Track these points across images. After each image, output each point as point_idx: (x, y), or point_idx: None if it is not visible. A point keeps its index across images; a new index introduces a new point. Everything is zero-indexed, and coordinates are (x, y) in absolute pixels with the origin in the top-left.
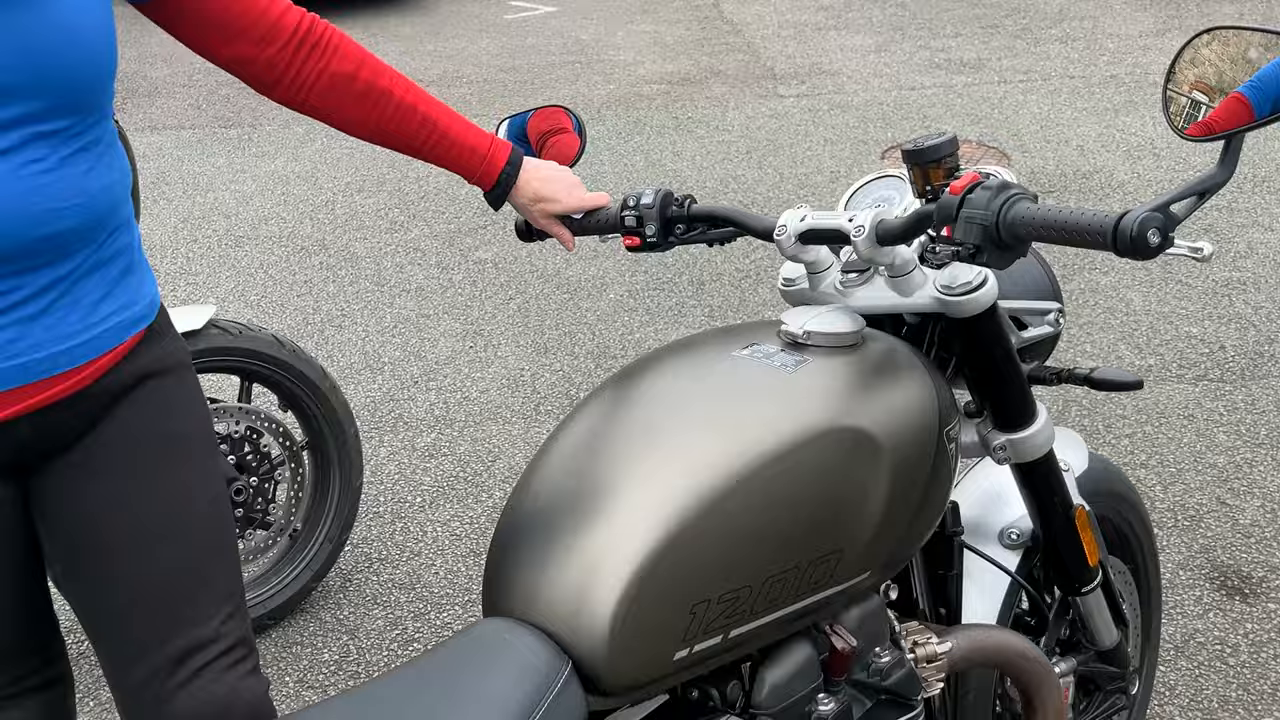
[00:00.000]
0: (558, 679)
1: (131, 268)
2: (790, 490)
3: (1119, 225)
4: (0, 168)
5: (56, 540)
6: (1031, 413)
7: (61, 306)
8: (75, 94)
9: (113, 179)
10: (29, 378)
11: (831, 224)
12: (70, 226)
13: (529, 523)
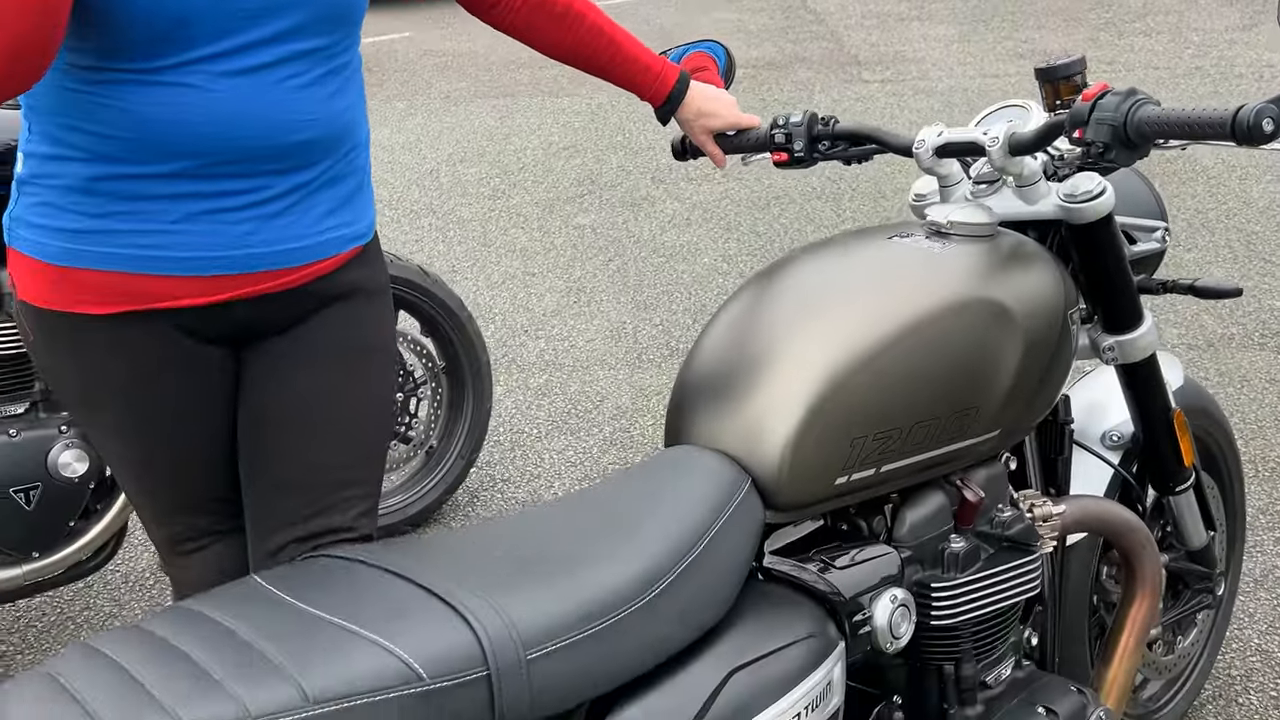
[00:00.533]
0: (741, 489)
1: (360, 188)
2: (936, 350)
3: (1237, 115)
4: (261, 80)
5: (248, 408)
6: (1139, 317)
7: (297, 211)
8: (333, 12)
9: (354, 102)
10: (255, 268)
11: (967, 137)
12: (314, 138)
13: (708, 370)
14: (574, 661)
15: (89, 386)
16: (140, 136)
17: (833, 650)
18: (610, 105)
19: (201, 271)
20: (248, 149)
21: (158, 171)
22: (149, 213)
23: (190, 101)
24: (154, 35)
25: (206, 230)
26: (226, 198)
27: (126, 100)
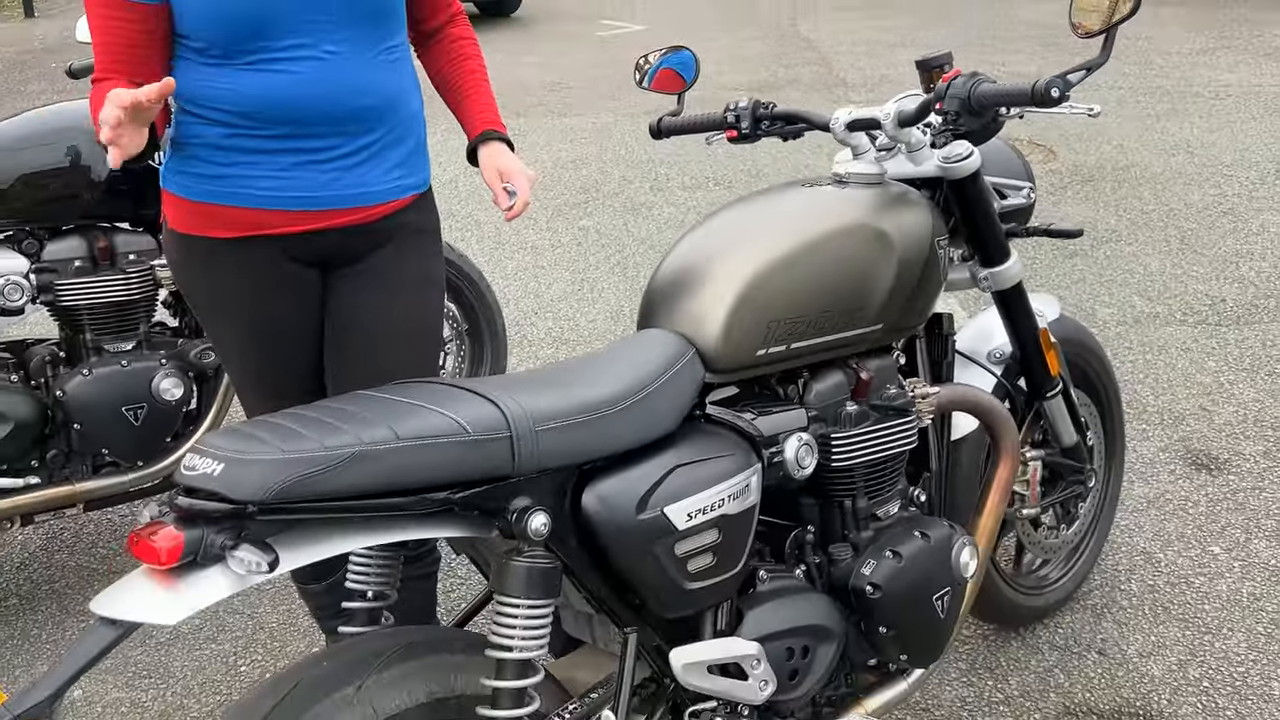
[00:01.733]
0: (687, 354)
1: (418, 149)
2: (832, 260)
3: (1035, 85)
4: (330, 63)
5: (333, 320)
6: (1006, 254)
7: (368, 163)
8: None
9: (405, 78)
10: (340, 205)
11: (868, 114)
12: (375, 104)
13: (668, 279)
14: (567, 436)
15: (215, 291)
16: (249, 109)
17: (751, 467)
18: (613, 124)
19: (301, 207)
20: (327, 114)
21: (265, 133)
22: (262, 164)
23: (281, 82)
24: (243, 36)
25: (304, 176)
26: (317, 153)
27: (236, 82)
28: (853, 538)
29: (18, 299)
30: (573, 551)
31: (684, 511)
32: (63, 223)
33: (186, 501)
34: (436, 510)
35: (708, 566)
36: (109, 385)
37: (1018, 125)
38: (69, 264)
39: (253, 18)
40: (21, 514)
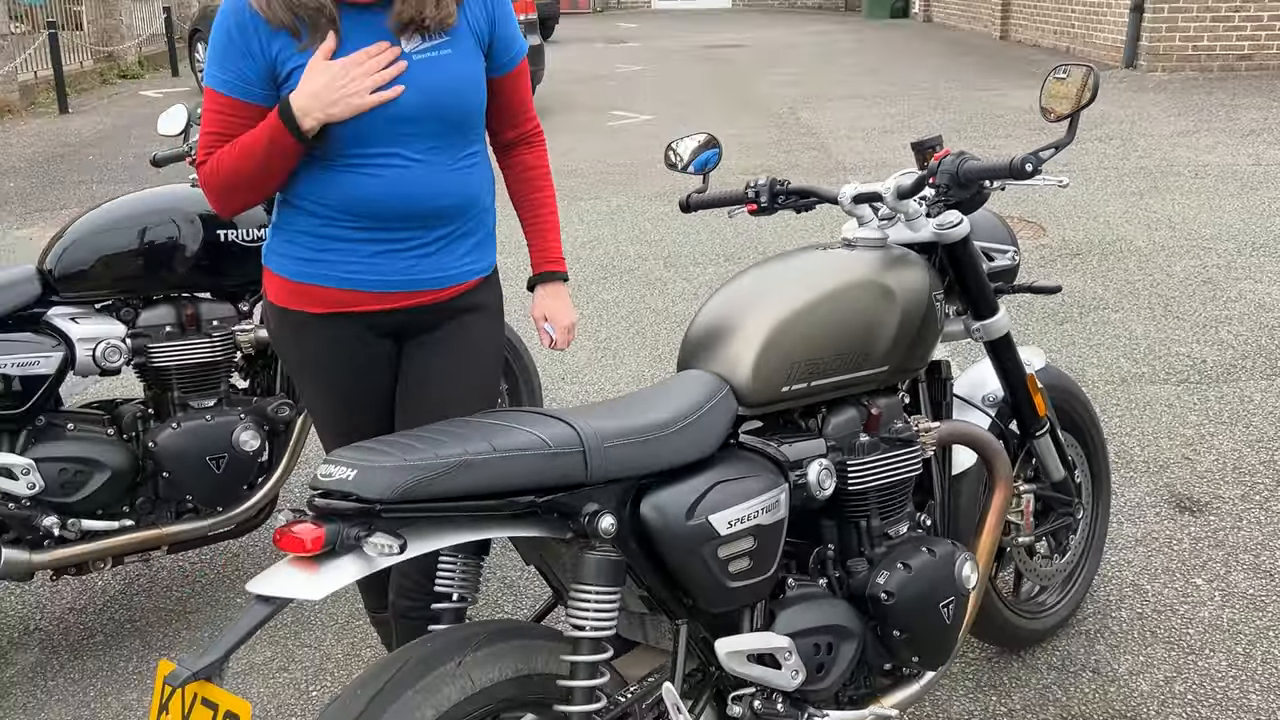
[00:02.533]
0: (722, 390)
1: (487, 237)
2: (843, 311)
3: (1011, 161)
4: (415, 168)
5: (404, 383)
6: (995, 308)
7: (442, 252)
8: (457, 123)
9: (481, 180)
10: (415, 288)
11: (871, 189)
12: (452, 205)
13: (703, 327)
14: (628, 453)
15: (304, 357)
16: (341, 205)
17: (780, 486)
18: (627, 206)
19: (381, 289)
20: (409, 213)
21: (354, 225)
22: (349, 251)
23: (370, 184)
24: (344, 142)
25: (385, 264)
26: (397, 243)
27: (332, 182)
28: (868, 554)
29: (116, 360)
30: (633, 552)
31: (725, 520)
32: (156, 293)
33: (324, 501)
34: (523, 512)
35: (745, 569)
36: (195, 437)
37: (1010, 204)
38: (161, 330)
39: (353, 129)
40: (113, 555)
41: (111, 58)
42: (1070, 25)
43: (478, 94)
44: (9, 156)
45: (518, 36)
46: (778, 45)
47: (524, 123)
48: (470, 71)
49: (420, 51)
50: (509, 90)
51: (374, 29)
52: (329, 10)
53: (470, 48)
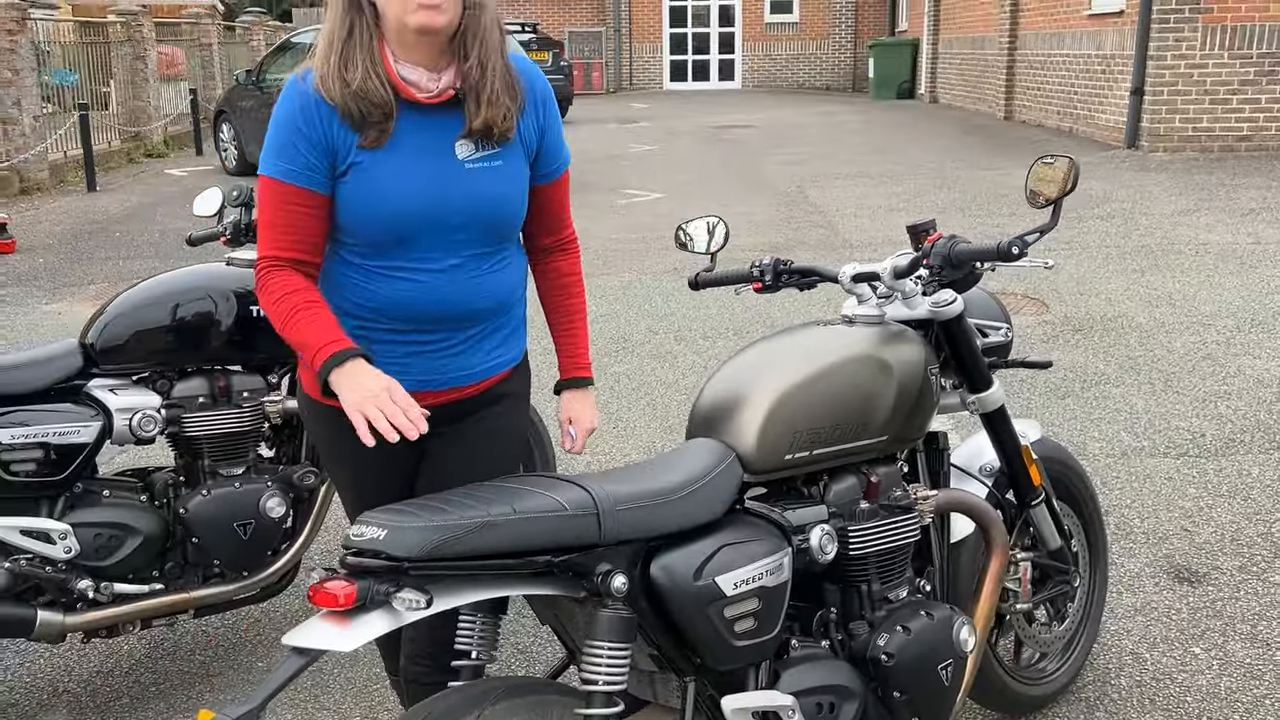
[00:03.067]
0: (729, 458)
1: (515, 331)
2: (843, 383)
3: (999, 245)
4: (451, 274)
5: (428, 465)
6: (989, 382)
7: (472, 351)
8: (498, 231)
9: (514, 280)
10: (444, 385)
11: (870, 269)
12: (484, 309)
13: (710, 398)
14: (639, 515)
15: (336, 445)
16: (377, 307)
17: (783, 550)
18: (638, 282)
19: (412, 389)
20: (441, 317)
21: (386, 328)
22: (381, 353)
23: (406, 289)
24: (386, 243)
25: (416, 364)
26: (428, 344)
27: (371, 287)
28: (869, 617)
29: (151, 430)
30: (643, 610)
31: (731, 581)
32: (190, 366)
33: (356, 559)
34: (541, 571)
35: (751, 628)
36: (224, 504)
37: (1012, 281)
38: (194, 400)
39: (399, 230)
40: (142, 618)
41: (138, 137)
42: (1073, 106)
43: (523, 204)
44: (39, 233)
45: (563, 147)
46: (786, 125)
47: (561, 230)
48: (519, 182)
49: (474, 161)
50: (550, 198)
51: (430, 129)
52: (390, 108)
53: (520, 158)
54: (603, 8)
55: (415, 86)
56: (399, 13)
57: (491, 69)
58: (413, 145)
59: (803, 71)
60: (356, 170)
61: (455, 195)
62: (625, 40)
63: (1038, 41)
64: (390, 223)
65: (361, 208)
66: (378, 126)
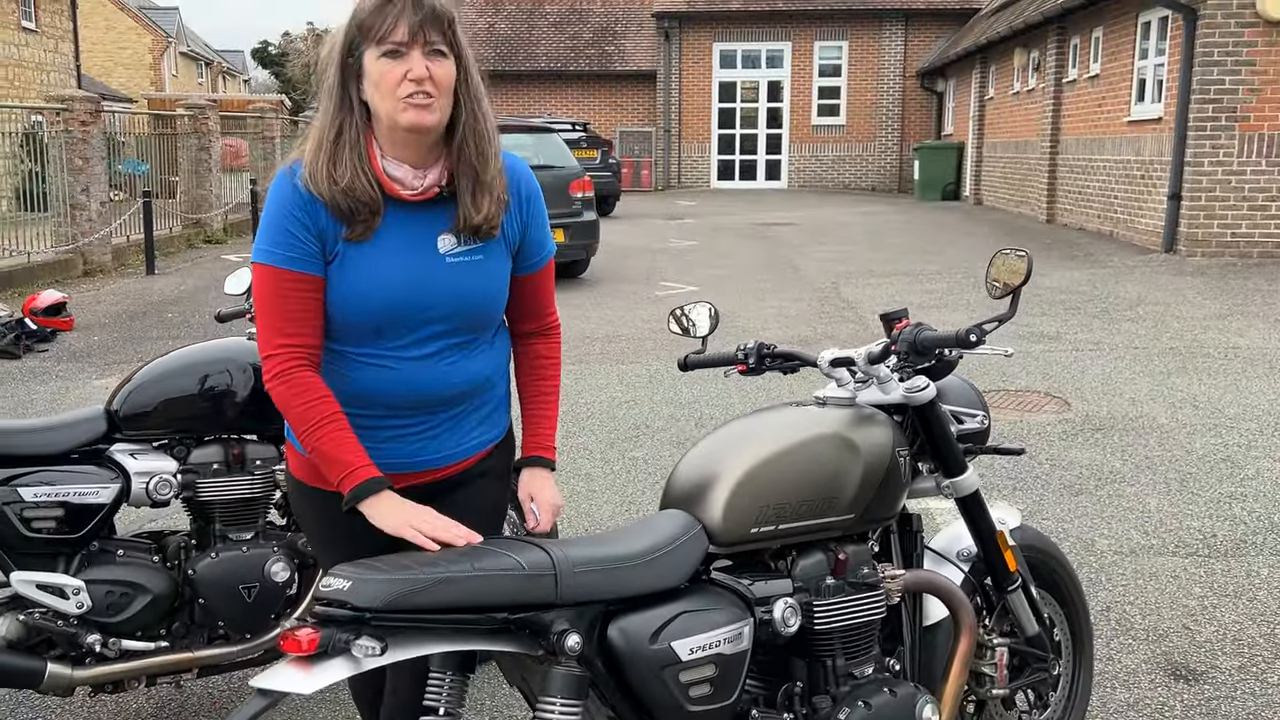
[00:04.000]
0: (694, 528)
1: (497, 409)
2: (810, 460)
3: (958, 332)
4: (426, 362)
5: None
6: (963, 467)
7: (450, 433)
8: (476, 321)
9: (493, 364)
10: (422, 468)
11: (846, 354)
12: (461, 392)
13: (683, 473)
14: (597, 578)
15: (319, 525)
16: (354, 393)
17: (744, 620)
18: (664, 371)
19: (391, 471)
20: (418, 402)
21: (365, 414)
22: (363, 437)
23: (382, 377)
24: (363, 334)
25: (393, 448)
26: (406, 429)
27: (348, 371)
28: (833, 692)
29: (166, 493)
30: (599, 672)
31: (687, 646)
32: (208, 434)
33: (323, 609)
34: (498, 628)
35: (706, 694)
36: (232, 567)
37: (1036, 378)
38: (208, 467)
39: (378, 321)
40: (148, 675)
41: (199, 224)
42: (1113, 210)
43: (502, 296)
44: (96, 313)
45: (547, 239)
46: (828, 224)
47: (543, 316)
48: (500, 277)
49: (455, 255)
50: (533, 288)
51: (414, 225)
52: (378, 205)
53: (502, 253)
54: (653, 109)
55: (400, 184)
56: (390, 111)
57: (485, 171)
58: (396, 240)
59: (848, 172)
60: (340, 261)
61: (435, 289)
62: (674, 140)
63: (1079, 147)
64: (370, 314)
65: (342, 299)
66: (364, 223)
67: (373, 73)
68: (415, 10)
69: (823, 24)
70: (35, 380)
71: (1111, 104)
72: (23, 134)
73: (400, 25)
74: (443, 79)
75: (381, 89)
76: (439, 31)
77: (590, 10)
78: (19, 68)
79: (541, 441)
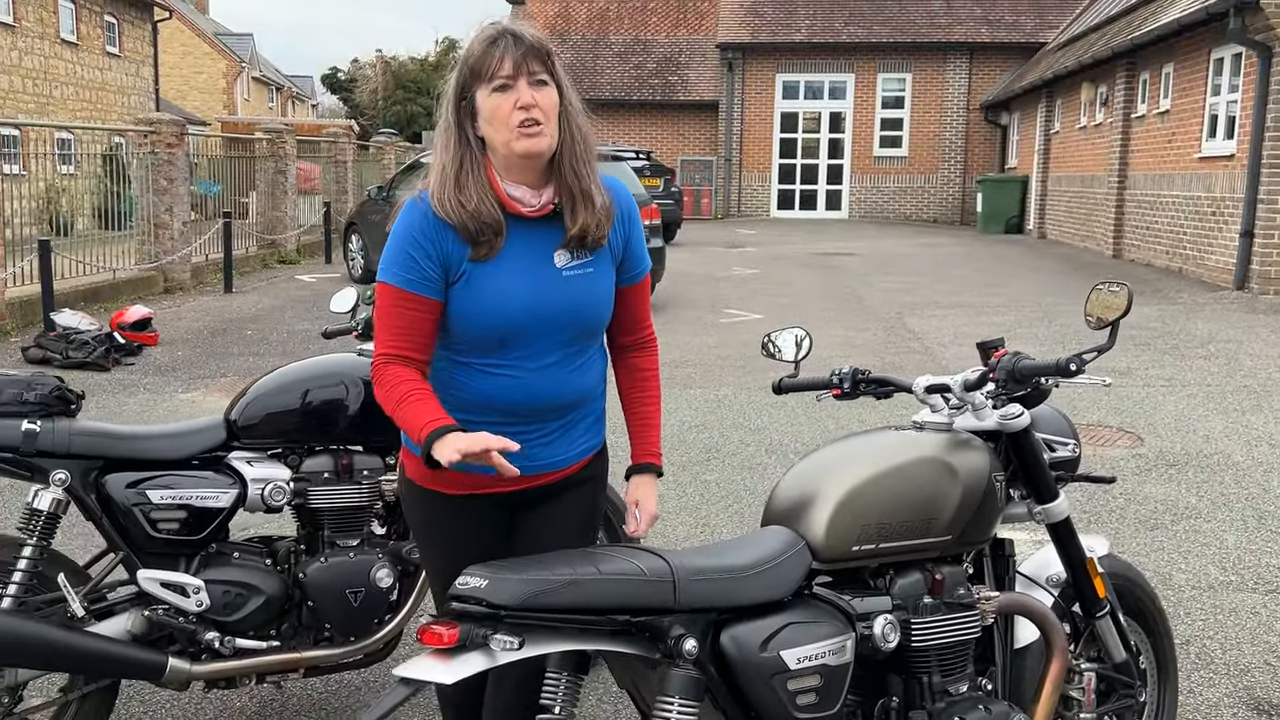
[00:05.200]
0: (798, 544)
1: (597, 421)
2: (910, 484)
3: (1058, 362)
4: (546, 371)
5: (518, 541)
6: (1055, 494)
7: (560, 439)
8: (589, 330)
9: (597, 375)
10: (534, 472)
11: (942, 380)
12: (573, 401)
13: (785, 490)
14: (712, 587)
15: (431, 528)
16: (477, 401)
17: (847, 635)
18: (733, 396)
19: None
20: (536, 410)
21: (483, 420)
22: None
23: (505, 385)
24: (489, 346)
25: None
26: (521, 434)
27: (474, 382)
28: (929, 708)
29: (280, 500)
30: (712, 677)
31: (795, 656)
32: (318, 445)
33: (460, 605)
34: (620, 630)
35: (812, 703)
36: (340, 572)
37: (1109, 413)
38: (319, 475)
39: (503, 333)
40: (258, 672)
41: (274, 245)
42: (1182, 247)
43: (610, 306)
44: (179, 329)
45: (645, 255)
46: (890, 255)
47: (640, 330)
48: (607, 288)
49: (570, 269)
50: (631, 301)
51: (533, 241)
52: (500, 225)
53: (608, 265)
54: (715, 138)
55: (521, 202)
56: (506, 140)
57: (586, 185)
58: (518, 258)
59: (910, 204)
60: (466, 280)
61: (555, 301)
62: (735, 169)
63: (1147, 182)
64: (496, 327)
65: (470, 314)
66: (488, 242)
67: (485, 108)
68: (517, 46)
69: (886, 56)
70: (124, 392)
71: (1182, 139)
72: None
73: (506, 60)
74: (548, 105)
75: (495, 121)
76: (540, 62)
77: (654, 41)
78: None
79: (649, 449)
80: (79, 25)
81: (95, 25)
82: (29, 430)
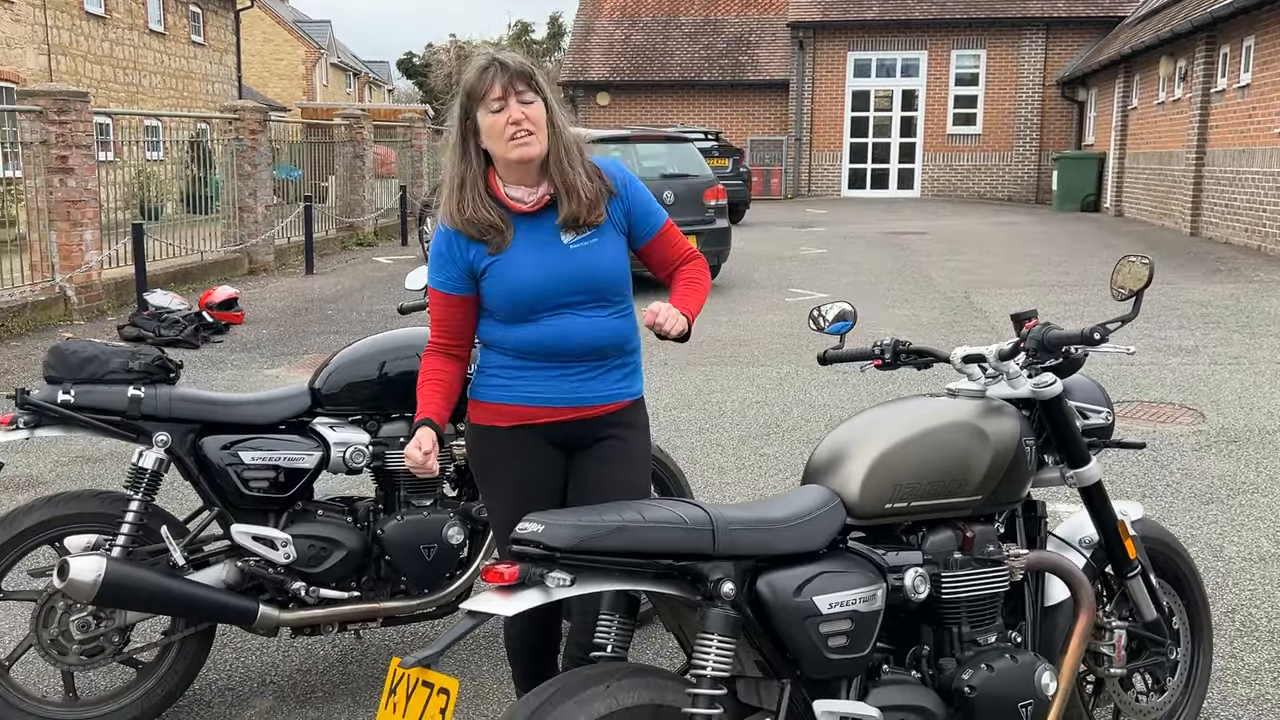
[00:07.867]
0: (833, 501)
1: (634, 369)
2: (943, 445)
3: (1084, 330)
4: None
5: (574, 485)
6: (1087, 459)
7: (600, 379)
8: (604, 293)
9: (629, 326)
10: (580, 404)
11: (979, 350)
12: (607, 345)
13: (824, 452)
14: (749, 536)
15: (493, 464)
16: (524, 347)
17: (878, 585)
18: (794, 374)
19: (554, 404)
20: (574, 350)
21: (533, 364)
22: (532, 378)
23: (545, 331)
24: (521, 313)
25: (558, 385)
26: (566, 370)
27: (517, 334)
28: (958, 655)
29: (360, 462)
30: (749, 618)
31: (827, 602)
32: (395, 412)
33: (519, 547)
34: (664, 573)
35: (843, 645)
36: (415, 529)
37: (1171, 390)
38: (396, 440)
39: (528, 302)
40: (340, 621)
41: (352, 228)
42: (1262, 224)
43: (621, 269)
44: (263, 308)
45: (653, 210)
46: (961, 234)
47: (679, 259)
48: (614, 254)
49: (576, 243)
50: (660, 245)
51: (539, 229)
52: (501, 223)
53: (614, 235)
54: (784, 118)
55: (520, 201)
56: (503, 150)
57: (571, 179)
58: (528, 244)
59: (983, 182)
60: (490, 271)
61: (565, 270)
62: (805, 148)
63: (1226, 158)
64: (521, 301)
65: (499, 294)
66: (496, 239)
67: (484, 125)
68: (504, 72)
69: (960, 33)
70: (213, 368)
71: (1263, 114)
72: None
73: (495, 84)
74: (536, 117)
75: (493, 135)
76: (525, 83)
77: (724, 21)
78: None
79: (684, 305)
80: (166, 15)
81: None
82: (134, 396)
